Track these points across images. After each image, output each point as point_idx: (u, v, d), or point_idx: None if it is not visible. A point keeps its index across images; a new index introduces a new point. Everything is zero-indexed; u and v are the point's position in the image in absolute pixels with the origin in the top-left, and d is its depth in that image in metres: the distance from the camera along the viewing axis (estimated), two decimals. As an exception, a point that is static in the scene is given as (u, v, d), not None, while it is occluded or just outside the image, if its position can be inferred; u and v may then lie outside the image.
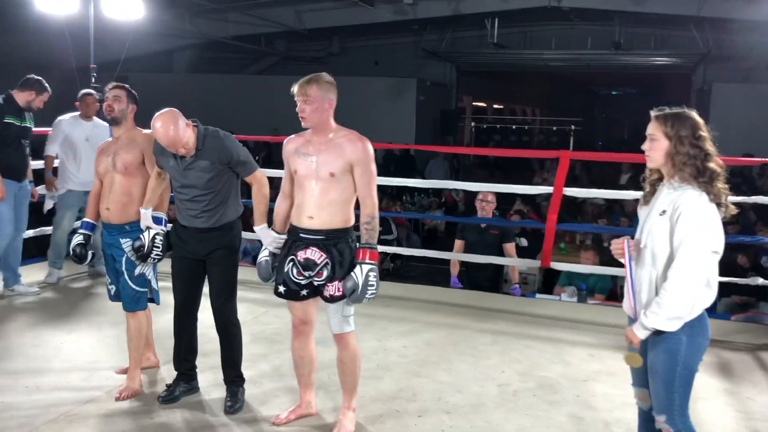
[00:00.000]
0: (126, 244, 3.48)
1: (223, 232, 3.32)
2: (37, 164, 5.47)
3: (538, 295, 5.92)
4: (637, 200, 2.66)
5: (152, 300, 3.68)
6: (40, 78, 5.05)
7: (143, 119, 6.80)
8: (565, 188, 5.00)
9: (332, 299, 3.00)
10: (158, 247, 3.42)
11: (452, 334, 4.57)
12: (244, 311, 3.76)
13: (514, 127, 19.58)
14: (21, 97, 4.97)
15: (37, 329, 4.46)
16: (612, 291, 5.91)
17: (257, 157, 7.04)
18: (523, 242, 7.62)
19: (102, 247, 3.63)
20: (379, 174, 3.16)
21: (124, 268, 3.50)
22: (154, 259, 3.45)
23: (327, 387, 3.61)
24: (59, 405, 3.36)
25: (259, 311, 4.84)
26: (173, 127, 3.12)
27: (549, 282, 6.93)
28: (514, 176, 13.01)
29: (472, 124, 18.66)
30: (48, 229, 5.79)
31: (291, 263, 3.04)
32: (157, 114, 3.16)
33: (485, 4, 13.87)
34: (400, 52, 18.25)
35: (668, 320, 2.35)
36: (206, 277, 3.40)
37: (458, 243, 5.84)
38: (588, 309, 5.25)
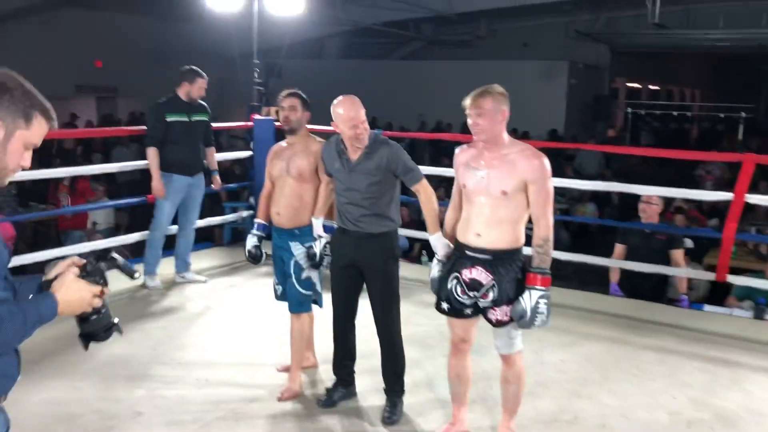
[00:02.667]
0: (295, 247, 3.56)
1: (383, 239, 3.30)
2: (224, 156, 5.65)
3: (706, 307, 5.46)
4: None
5: (316, 302, 3.74)
6: (190, 67, 5.18)
7: None
8: (747, 195, 4.54)
9: (498, 324, 2.90)
10: (329, 255, 3.48)
11: (614, 349, 4.31)
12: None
13: (675, 113, 18.24)
14: (182, 92, 5.15)
15: (206, 319, 4.71)
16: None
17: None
18: (688, 243, 7.08)
19: (272, 250, 3.73)
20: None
21: (291, 271, 3.58)
22: (326, 267, 3.51)
23: (484, 401, 3.51)
24: (227, 402, 3.51)
25: (408, 311, 4.81)
26: (358, 105, 3.20)
27: (719, 290, 6.40)
28: (672, 166, 12.13)
29: (628, 109, 17.63)
30: (215, 220, 6.10)
31: (455, 281, 2.95)
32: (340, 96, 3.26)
33: (646, -19, 13.00)
34: (550, 33, 17.63)
35: None
36: (365, 284, 3.40)
37: (619, 247, 5.49)
38: (769, 328, 4.78)
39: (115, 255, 1.68)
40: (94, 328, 1.65)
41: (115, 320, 1.69)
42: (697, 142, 17.12)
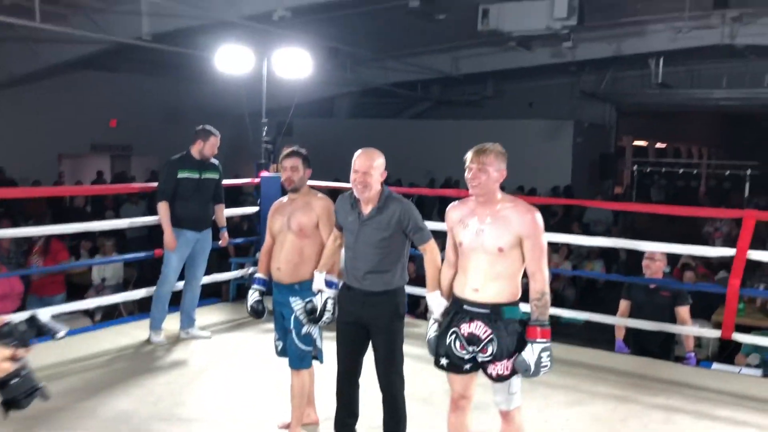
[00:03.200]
0: (295, 303, 3.58)
1: (389, 297, 3.32)
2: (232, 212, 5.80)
3: (715, 365, 5.39)
4: None
5: (316, 358, 3.72)
6: (203, 126, 5.32)
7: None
8: (750, 251, 4.55)
9: (498, 378, 2.90)
10: (329, 311, 3.48)
11: (620, 408, 4.25)
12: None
13: (680, 171, 18.38)
14: (194, 150, 5.27)
15: (209, 375, 4.69)
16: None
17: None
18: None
19: (272, 305, 3.75)
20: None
21: (291, 327, 3.59)
22: (326, 322, 3.51)
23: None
24: (227, 459, 3.49)
25: (414, 368, 4.78)
26: (376, 156, 3.29)
27: (727, 347, 6.34)
28: (681, 223, 12.15)
29: (634, 167, 17.78)
30: (221, 275, 6.14)
31: (454, 335, 2.97)
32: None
33: (649, 44, 13.27)
34: (556, 93, 17.93)
35: None
36: (370, 342, 3.40)
37: (624, 303, 5.47)
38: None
39: (37, 316, 1.58)
40: (13, 393, 1.53)
41: (40, 385, 1.57)
42: (704, 199, 17.18)
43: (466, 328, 2.93)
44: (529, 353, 2.80)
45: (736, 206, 13.24)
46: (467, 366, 2.98)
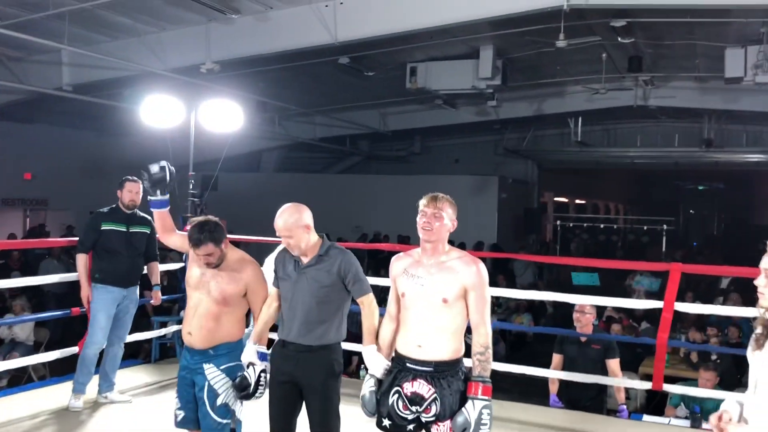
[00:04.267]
0: (209, 370, 3.30)
1: (324, 353, 3.19)
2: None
3: (645, 417, 5.44)
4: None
5: (234, 431, 3.40)
6: (124, 177, 5.09)
7: (232, 216, 6.87)
8: (676, 303, 4.66)
9: (442, 438, 2.79)
10: (263, 385, 3.26)
11: (559, 465, 4.20)
12: None
13: (601, 226, 19.11)
14: (120, 203, 5.04)
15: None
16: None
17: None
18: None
19: (180, 371, 3.43)
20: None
21: (206, 397, 3.28)
22: (258, 398, 3.27)
23: None
24: None
25: (349, 427, 4.62)
26: (295, 214, 3.15)
27: (654, 398, 6.45)
28: (603, 276, 12.49)
29: (558, 222, 18.33)
30: (144, 335, 5.82)
31: (396, 395, 2.86)
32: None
33: (568, 104, 13.88)
34: (480, 150, 18.42)
35: None
36: (303, 403, 3.24)
37: (557, 357, 5.50)
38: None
39: None
40: None
41: None
42: (623, 252, 17.85)
43: (408, 387, 2.83)
44: (471, 410, 2.72)
45: (655, 260, 13.81)
46: (410, 426, 2.87)
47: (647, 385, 5.01)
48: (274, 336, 3.35)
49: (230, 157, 15.05)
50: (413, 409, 2.83)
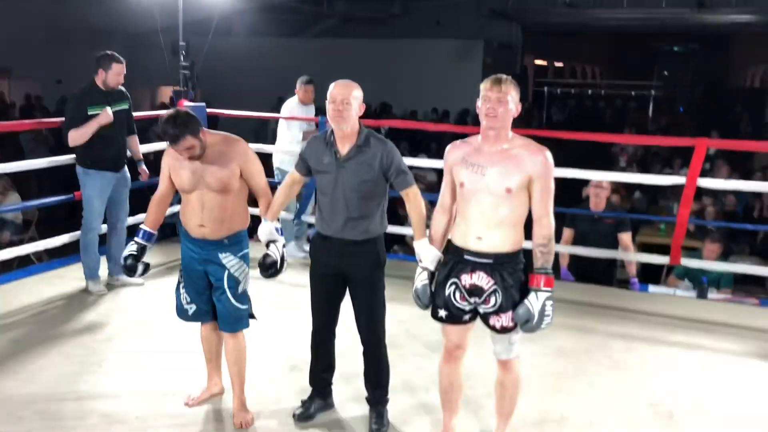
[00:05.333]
0: (227, 259, 3.16)
1: (369, 247, 3.07)
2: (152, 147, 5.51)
3: (651, 288, 5.56)
4: None
5: (252, 316, 3.32)
6: (104, 53, 4.71)
7: (204, 83, 6.46)
8: (699, 179, 4.61)
9: (503, 330, 2.75)
10: (286, 260, 3.19)
11: (582, 339, 4.28)
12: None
13: (589, 92, 18.83)
14: (99, 81, 4.71)
15: (134, 334, 4.30)
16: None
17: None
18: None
19: (185, 263, 3.27)
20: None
21: (227, 286, 3.17)
22: (282, 273, 3.19)
23: (466, 404, 3.36)
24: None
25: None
26: (354, 87, 2.98)
27: (649, 267, 6.55)
28: (585, 144, 12.35)
29: (545, 88, 18.02)
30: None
31: (454, 287, 2.78)
32: None
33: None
34: (463, 11, 17.67)
35: None
36: (347, 293, 3.17)
37: (568, 232, 5.51)
38: (720, 309, 4.89)
39: None
40: None
41: None
42: (610, 119, 17.77)
43: (467, 279, 2.74)
44: (534, 301, 2.66)
45: (642, 125, 13.81)
46: (466, 317, 2.82)
47: (664, 260, 5.06)
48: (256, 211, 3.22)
49: (197, 20, 14.24)
50: (471, 300, 2.76)
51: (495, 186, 2.65)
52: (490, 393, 3.14)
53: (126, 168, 5.01)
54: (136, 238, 3.26)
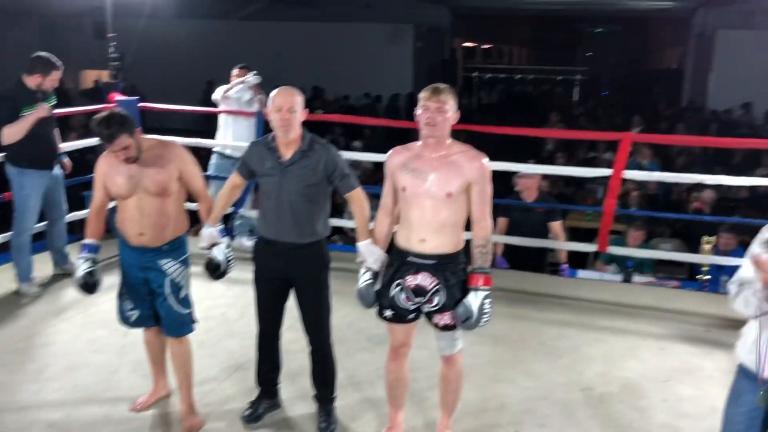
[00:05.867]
0: (167, 264, 3.16)
1: (315, 249, 3.13)
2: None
3: (580, 273, 5.82)
4: None
5: (195, 321, 3.32)
6: (44, 56, 4.64)
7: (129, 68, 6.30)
8: (625, 171, 4.85)
9: (446, 328, 2.87)
10: (232, 261, 3.25)
11: (517, 327, 4.47)
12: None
13: (518, 76, 19.23)
14: (31, 82, 4.63)
15: (74, 335, 4.25)
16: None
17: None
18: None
19: (125, 270, 3.24)
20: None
21: (169, 291, 3.17)
22: (228, 274, 3.26)
23: (411, 397, 3.48)
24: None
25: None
26: (297, 93, 3.02)
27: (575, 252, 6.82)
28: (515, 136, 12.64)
29: (475, 74, 18.29)
30: (82, 213, 5.53)
31: (398, 287, 2.88)
32: None
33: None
34: (393, -6, 17.69)
35: None
36: (291, 296, 3.22)
37: (502, 221, 5.69)
38: (644, 292, 5.17)
39: None
40: None
41: None
42: (538, 102, 18.21)
43: (412, 280, 2.85)
44: (473, 299, 2.79)
45: (566, 110, 14.23)
46: (411, 316, 2.93)
47: (593, 248, 5.31)
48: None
49: (121, 2, 13.77)
50: (416, 300, 2.87)
51: (436, 190, 2.76)
52: (433, 386, 3.29)
53: (59, 165, 4.99)
54: (83, 254, 3.19)
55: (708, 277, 5.27)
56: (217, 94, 6.13)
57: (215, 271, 3.21)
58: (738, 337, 2.38)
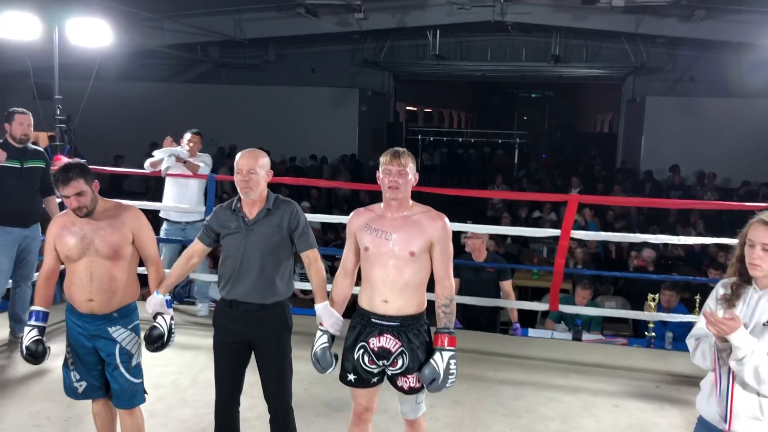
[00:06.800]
0: (117, 332, 3.07)
1: (277, 310, 3.09)
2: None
3: (531, 331, 5.90)
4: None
5: (145, 391, 3.22)
6: (12, 109, 4.75)
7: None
8: (573, 231, 5.00)
9: (411, 391, 2.86)
10: (174, 333, 3.16)
11: (474, 388, 4.47)
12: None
13: (460, 139, 19.81)
14: (8, 136, 4.71)
15: (28, 401, 4.05)
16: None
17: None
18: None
19: (71, 339, 3.12)
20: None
21: (119, 361, 3.07)
22: (169, 346, 3.14)
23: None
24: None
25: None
26: (260, 155, 3.04)
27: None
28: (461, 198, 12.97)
29: (419, 137, 18.72)
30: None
31: (362, 350, 2.86)
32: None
33: (430, 18, 13.93)
34: (337, 59, 18.10)
35: None
36: (250, 359, 3.16)
37: (454, 281, 5.73)
38: (594, 350, 5.27)
39: None
40: None
41: None
42: (477, 165, 18.76)
43: (375, 342, 2.84)
44: (439, 361, 2.79)
45: (508, 171, 14.67)
46: (375, 379, 2.91)
47: (544, 307, 5.40)
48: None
49: (66, 63, 13.64)
50: (380, 363, 2.86)
51: (399, 250, 2.79)
52: (396, 451, 3.23)
53: (38, 226, 4.90)
54: (31, 322, 3.06)
55: (654, 334, 5.41)
56: (146, 166, 5.93)
57: (155, 342, 3.09)
58: (690, 393, 2.46)
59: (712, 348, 2.29)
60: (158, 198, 6.27)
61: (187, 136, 5.97)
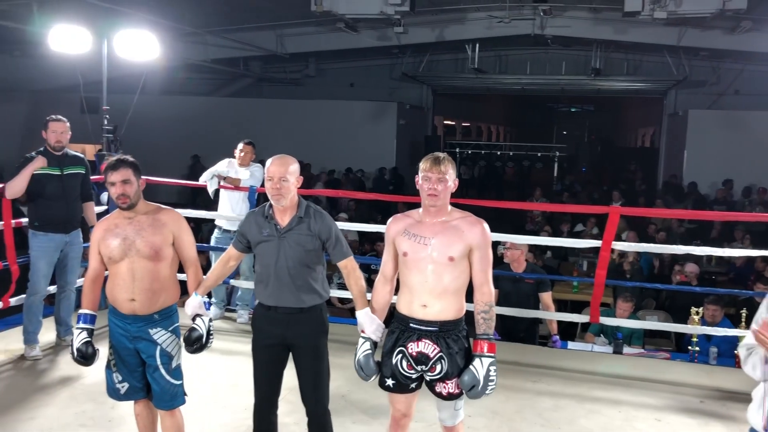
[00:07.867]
0: (158, 334, 3.13)
1: (314, 314, 3.13)
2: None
3: (570, 344, 5.82)
4: None
5: (185, 393, 3.27)
6: (47, 117, 4.84)
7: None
8: (614, 242, 4.93)
9: (450, 397, 2.85)
10: (212, 335, 3.20)
11: (512, 399, 4.43)
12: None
13: (498, 153, 19.76)
14: (47, 144, 4.80)
15: (76, 403, 4.15)
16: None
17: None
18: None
19: (113, 341, 3.18)
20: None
21: (159, 362, 3.12)
22: (208, 348, 3.18)
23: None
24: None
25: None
26: (290, 162, 3.07)
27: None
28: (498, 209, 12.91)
29: (457, 150, 18.73)
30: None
31: (400, 355, 2.87)
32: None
33: (469, 31, 13.96)
34: (376, 74, 18.25)
35: None
36: (288, 361, 3.19)
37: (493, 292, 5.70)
38: (636, 363, 5.17)
39: None
40: None
41: None
42: (515, 178, 18.68)
43: (414, 347, 2.84)
44: (479, 367, 2.77)
45: (546, 185, 14.57)
46: (413, 385, 2.91)
47: (584, 319, 5.33)
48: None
49: (110, 77, 14.00)
50: (418, 368, 2.85)
51: (438, 255, 2.79)
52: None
53: (79, 232, 4.99)
54: (80, 324, 3.13)
55: (698, 348, 5.29)
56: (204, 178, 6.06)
57: (194, 343, 3.13)
58: (736, 408, 2.41)
59: (762, 360, 2.26)
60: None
61: (240, 146, 6.06)
